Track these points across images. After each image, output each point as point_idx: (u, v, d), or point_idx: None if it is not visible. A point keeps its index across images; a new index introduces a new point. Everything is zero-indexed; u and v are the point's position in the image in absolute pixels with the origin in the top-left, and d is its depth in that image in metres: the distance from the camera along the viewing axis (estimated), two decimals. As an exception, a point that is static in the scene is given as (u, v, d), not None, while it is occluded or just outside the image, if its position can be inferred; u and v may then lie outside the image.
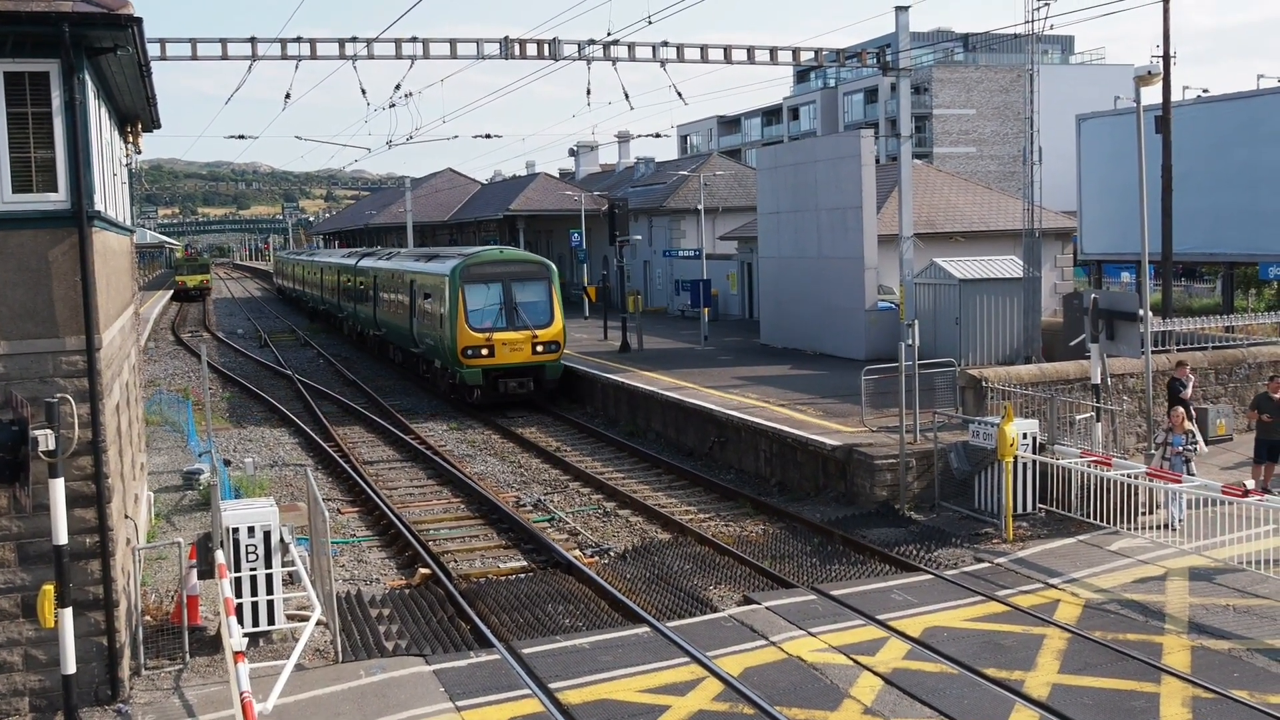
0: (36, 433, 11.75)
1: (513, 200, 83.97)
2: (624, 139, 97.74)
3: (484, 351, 33.78)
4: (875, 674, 13.46)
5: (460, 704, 13.00)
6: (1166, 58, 32.54)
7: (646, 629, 15.24)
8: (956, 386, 24.65)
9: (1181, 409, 20.81)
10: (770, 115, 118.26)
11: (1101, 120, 49.09)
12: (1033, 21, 30.52)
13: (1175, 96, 37.10)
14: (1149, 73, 21.15)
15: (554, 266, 36.03)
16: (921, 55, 62.38)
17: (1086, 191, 48.87)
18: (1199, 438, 20.37)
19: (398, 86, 38.87)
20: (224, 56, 31.92)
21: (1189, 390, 23.13)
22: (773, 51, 34.27)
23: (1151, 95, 28.46)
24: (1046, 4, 30.35)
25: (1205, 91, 48.79)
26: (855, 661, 13.85)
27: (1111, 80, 66.54)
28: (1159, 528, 18.81)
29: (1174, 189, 33.33)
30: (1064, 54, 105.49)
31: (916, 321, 22.93)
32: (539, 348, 34.18)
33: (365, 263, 51.97)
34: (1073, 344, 22.56)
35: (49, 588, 12.05)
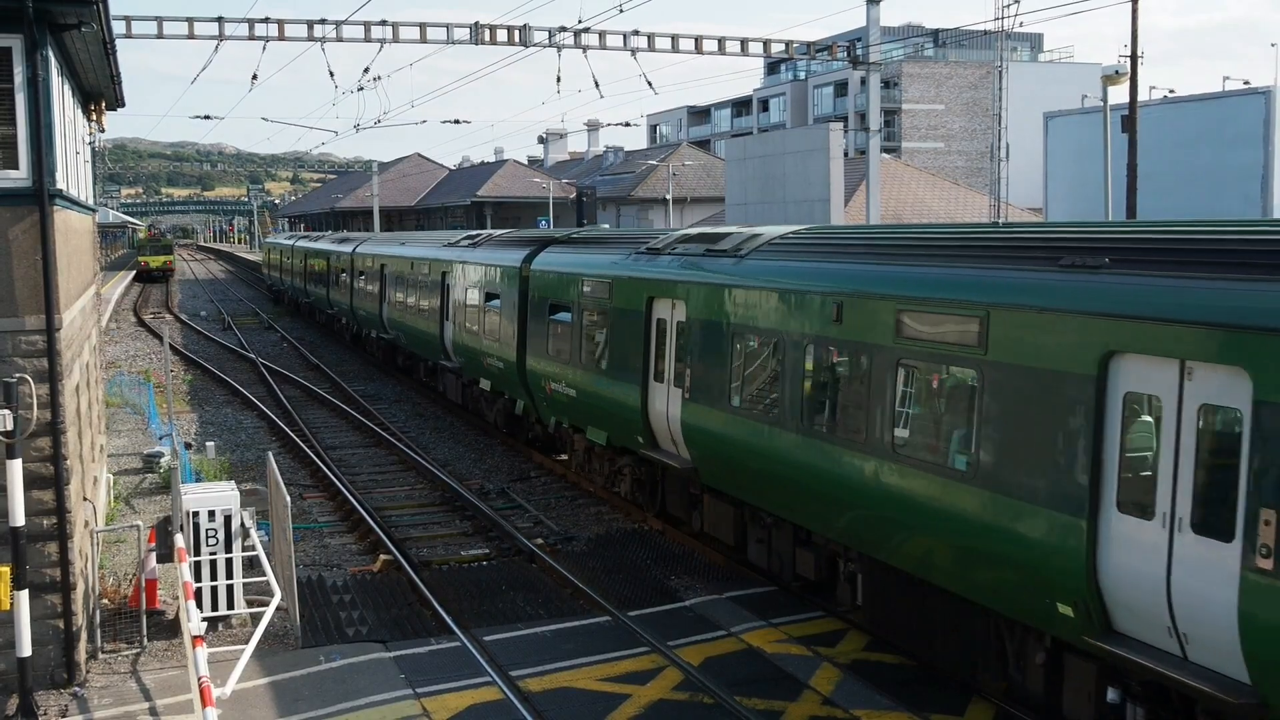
0: (-6, 413, 11.63)
1: (480, 186, 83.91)
2: (593, 127, 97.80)
3: None
4: (835, 665, 13.54)
5: (420, 691, 12.98)
6: (1134, 57, 32.77)
7: (608, 618, 15.26)
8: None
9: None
10: (740, 107, 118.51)
11: (1069, 118, 49.42)
12: (1002, 18, 30.75)
13: (1142, 96, 37.38)
14: (1116, 72, 21.38)
15: None
16: (891, 50, 62.56)
17: (1053, 188, 49.22)
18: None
19: (366, 70, 38.74)
20: (190, 36, 31.65)
21: None
22: (743, 43, 34.28)
23: (1119, 94, 28.72)
24: (1016, 0, 30.56)
25: (1172, 92, 49.22)
26: (815, 653, 13.91)
27: (1079, 79, 67.07)
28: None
29: (1139, 188, 33.58)
30: (1033, 52, 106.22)
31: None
32: None
33: (588, 261, 21.18)
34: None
35: (5, 570, 11.94)
